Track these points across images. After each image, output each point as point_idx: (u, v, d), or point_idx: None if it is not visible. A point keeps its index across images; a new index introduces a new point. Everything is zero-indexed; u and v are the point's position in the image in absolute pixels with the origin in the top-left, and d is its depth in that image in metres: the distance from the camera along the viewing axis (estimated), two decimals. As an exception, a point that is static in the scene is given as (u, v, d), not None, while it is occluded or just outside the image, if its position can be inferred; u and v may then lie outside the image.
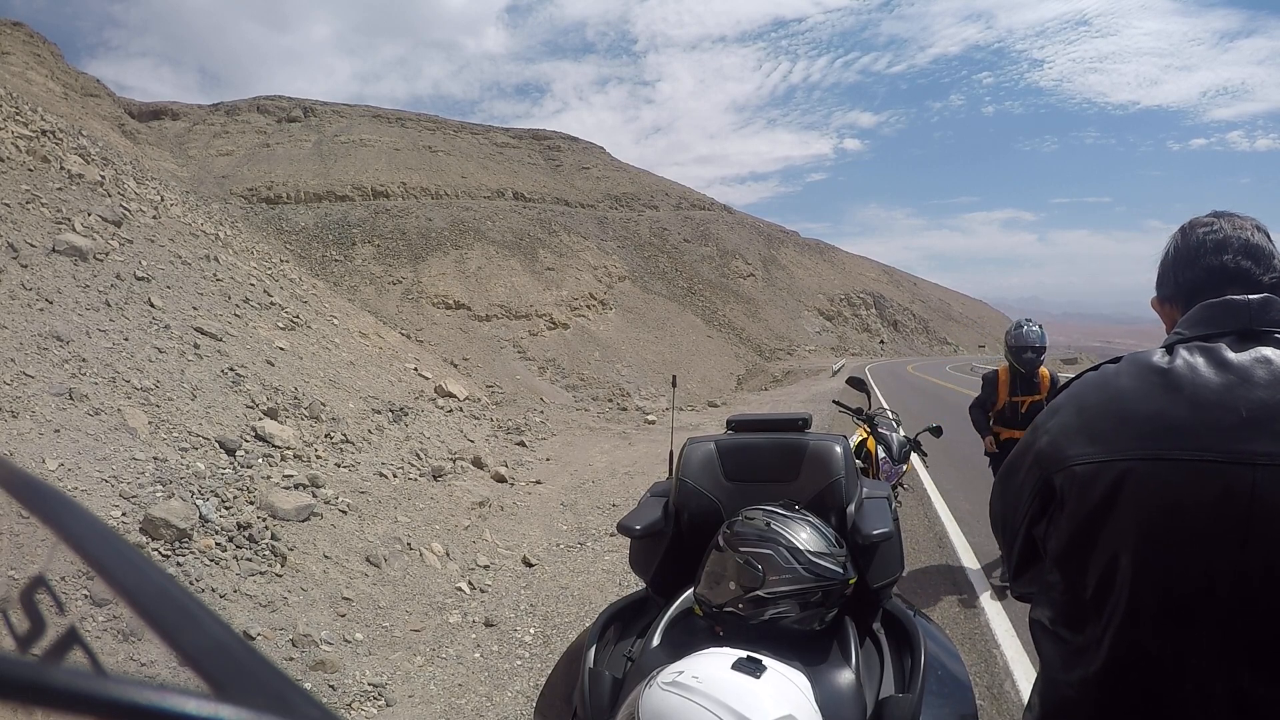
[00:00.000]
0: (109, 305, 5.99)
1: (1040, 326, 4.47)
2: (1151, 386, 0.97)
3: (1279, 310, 0.97)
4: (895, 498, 3.77)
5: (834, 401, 4.14)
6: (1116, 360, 1.07)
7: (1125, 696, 0.96)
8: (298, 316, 9.40)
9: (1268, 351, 0.93)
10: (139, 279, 6.87)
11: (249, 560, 3.82)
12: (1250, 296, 0.98)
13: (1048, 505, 1.06)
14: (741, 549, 1.54)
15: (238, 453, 4.89)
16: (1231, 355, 0.94)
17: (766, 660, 1.14)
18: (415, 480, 6.07)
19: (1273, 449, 0.86)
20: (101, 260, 6.72)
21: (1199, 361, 0.95)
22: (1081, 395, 1.06)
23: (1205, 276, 1.06)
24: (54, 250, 6.27)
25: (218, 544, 3.81)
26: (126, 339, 5.61)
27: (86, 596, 1.96)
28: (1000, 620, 3.74)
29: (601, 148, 73.69)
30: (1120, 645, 0.95)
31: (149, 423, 4.64)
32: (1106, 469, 0.95)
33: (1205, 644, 0.90)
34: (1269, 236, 1.08)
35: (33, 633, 0.47)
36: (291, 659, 3.26)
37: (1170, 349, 1.01)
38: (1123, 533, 0.94)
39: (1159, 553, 0.92)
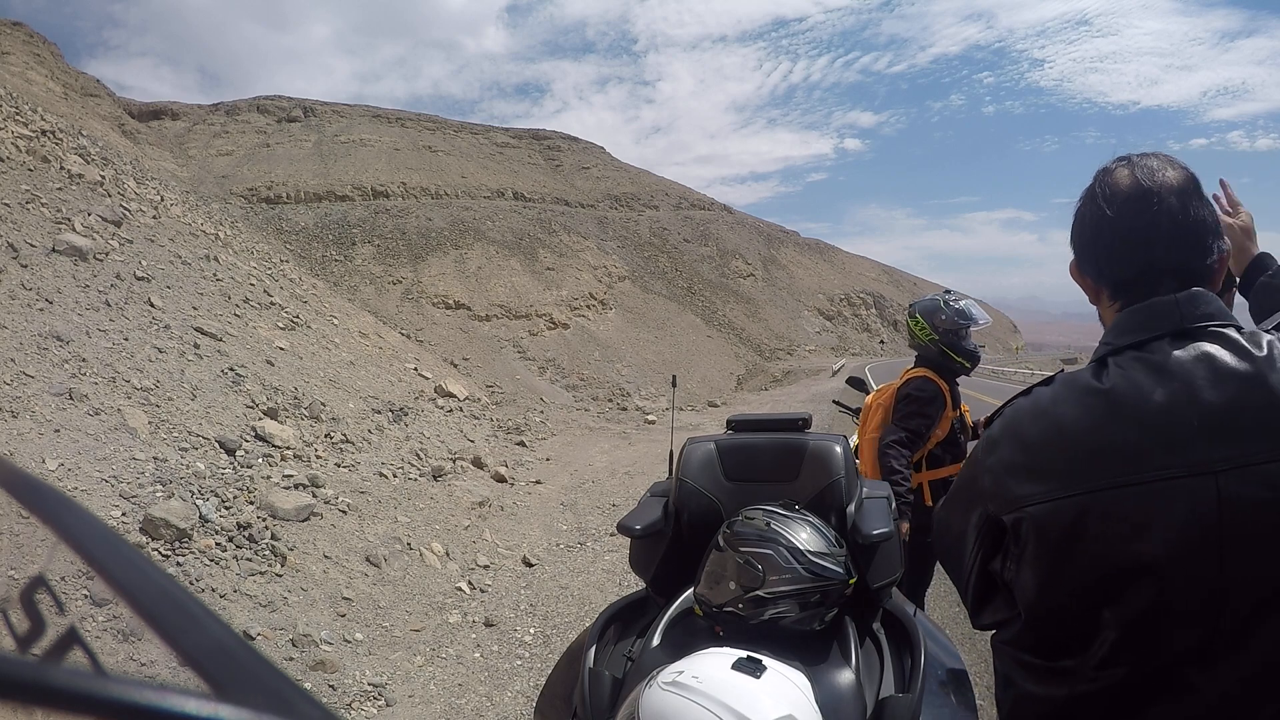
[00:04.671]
0: (109, 305, 5.98)
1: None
2: (1091, 411, 0.86)
3: (1207, 302, 0.87)
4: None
5: (834, 401, 4.13)
6: (1047, 382, 0.96)
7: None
8: (298, 316, 9.40)
9: (1206, 348, 0.84)
10: (139, 279, 6.87)
11: (249, 560, 3.82)
12: (1177, 295, 0.88)
13: (1000, 542, 0.96)
14: (741, 549, 1.53)
15: (238, 453, 4.89)
16: (1169, 361, 0.84)
17: (766, 660, 1.14)
18: (415, 480, 6.07)
19: (1230, 452, 0.78)
20: (101, 260, 6.72)
21: (1137, 374, 0.85)
22: (1018, 427, 0.94)
23: (1136, 277, 0.92)
24: (54, 250, 6.27)
25: (218, 544, 3.81)
26: (126, 339, 5.60)
27: (86, 596, 1.96)
28: (1000, 620, 3.74)
29: (601, 148, 73.76)
30: (1108, 676, 0.86)
31: (149, 423, 4.64)
32: (1062, 507, 0.85)
33: (1199, 671, 0.82)
34: (1199, 193, 0.91)
35: (33, 633, 0.47)
36: (291, 659, 3.26)
37: (1103, 362, 0.90)
38: (1093, 572, 0.86)
39: (1136, 586, 0.83)
